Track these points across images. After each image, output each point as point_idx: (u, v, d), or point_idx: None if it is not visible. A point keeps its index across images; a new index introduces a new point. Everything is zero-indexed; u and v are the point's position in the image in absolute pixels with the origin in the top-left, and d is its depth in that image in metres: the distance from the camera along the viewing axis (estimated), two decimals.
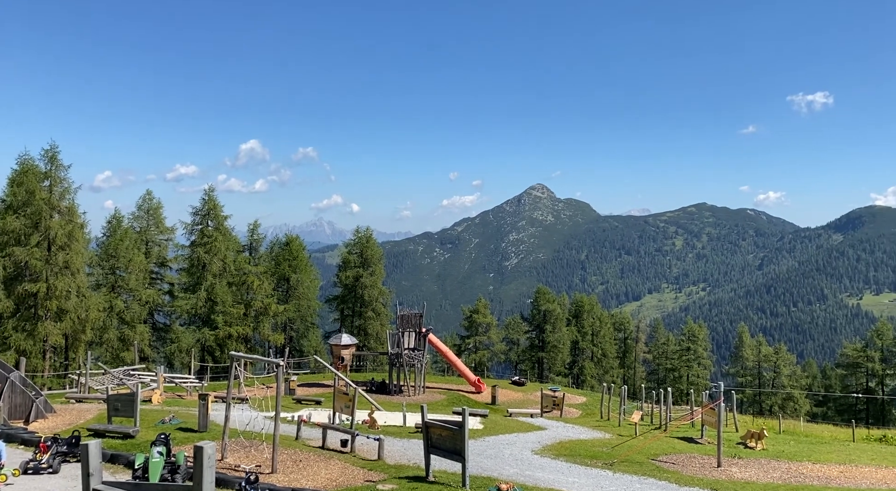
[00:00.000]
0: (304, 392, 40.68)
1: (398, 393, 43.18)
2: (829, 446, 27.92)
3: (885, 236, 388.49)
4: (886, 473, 21.32)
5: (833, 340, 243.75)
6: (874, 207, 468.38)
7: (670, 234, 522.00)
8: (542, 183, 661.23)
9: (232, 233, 58.83)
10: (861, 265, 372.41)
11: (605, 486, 16.16)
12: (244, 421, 19.96)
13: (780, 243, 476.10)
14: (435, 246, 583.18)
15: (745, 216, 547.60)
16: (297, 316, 60.80)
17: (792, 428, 38.38)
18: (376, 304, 63.01)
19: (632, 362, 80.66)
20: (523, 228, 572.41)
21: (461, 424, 14.95)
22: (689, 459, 21.88)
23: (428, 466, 15.64)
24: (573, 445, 23.97)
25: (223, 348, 53.08)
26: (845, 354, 69.20)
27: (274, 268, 59.92)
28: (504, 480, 15.34)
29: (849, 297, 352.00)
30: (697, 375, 74.71)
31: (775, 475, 19.68)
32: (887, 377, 65.87)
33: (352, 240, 66.52)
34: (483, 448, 21.78)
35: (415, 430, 25.10)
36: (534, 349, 73.28)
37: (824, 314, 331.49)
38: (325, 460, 17.15)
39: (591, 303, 79.70)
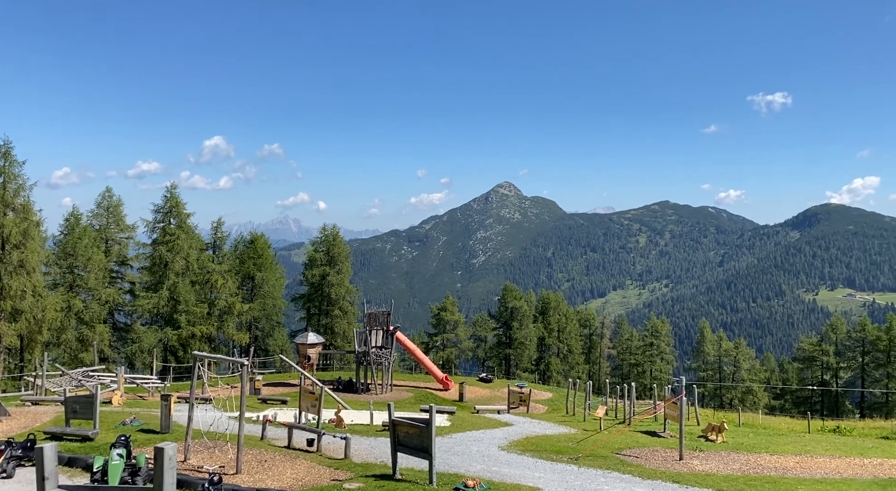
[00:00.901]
0: (270, 392, 40.22)
1: (365, 391, 43.02)
2: (786, 438, 28.74)
3: (840, 234, 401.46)
4: (840, 462, 22.06)
5: (790, 335, 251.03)
6: (829, 205, 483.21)
7: (634, 231, 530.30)
8: (509, 181, 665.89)
9: (195, 231, 57.77)
10: (817, 262, 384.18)
11: (570, 480, 16.35)
12: (208, 421, 19.64)
13: (739, 240, 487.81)
14: (403, 244, 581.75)
15: (707, 214, 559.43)
16: (262, 315, 60.06)
17: (751, 421, 39.40)
18: (343, 302, 62.62)
19: (597, 358, 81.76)
20: (491, 226, 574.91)
21: (428, 422, 14.97)
22: (652, 453, 22.29)
23: (395, 464, 15.63)
24: (539, 441, 24.19)
25: (186, 348, 52.15)
26: (801, 349, 71.27)
27: (238, 266, 59.08)
28: (471, 477, 15.42)
29: (805, 292, 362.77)
30: (660, 370, 76.10)
31: (735, 467, 20.18)
32: (841, 370, 68.06)
33: (318, 238, 65.98)
34: (450, 445, 21.84)
35: (382, 428, 25.03)
36: (501, 346, 73.74)
37: (782, 310, 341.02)
38: (291, 460, 17.00)
39: (558, 300, 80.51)
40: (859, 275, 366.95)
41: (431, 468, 14.78)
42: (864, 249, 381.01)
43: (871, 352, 65.22)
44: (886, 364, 63.96)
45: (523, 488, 15.01)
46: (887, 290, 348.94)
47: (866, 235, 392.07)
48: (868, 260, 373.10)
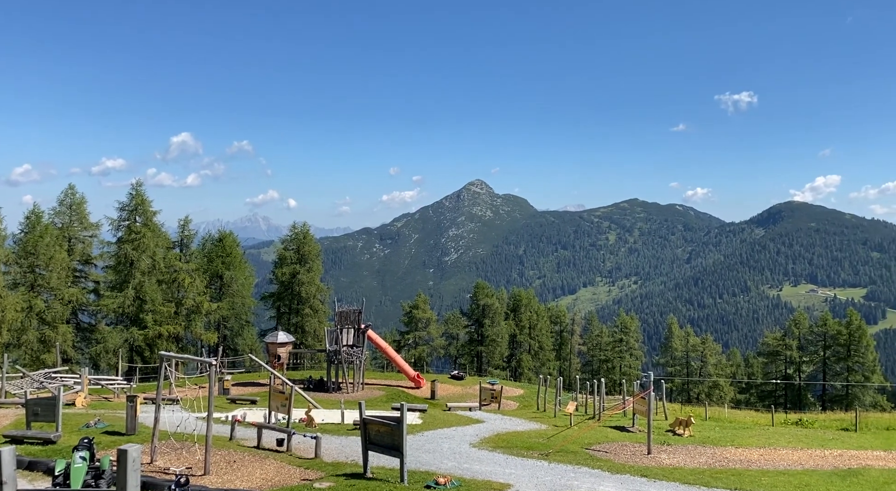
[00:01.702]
0: (239, 392, 39.75)
1: (336, 390, 42.77)
2: (751, 431, 29.38)
3: (802, 231, 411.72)
4: (801, 454, 22.65)
5: (755, 330, 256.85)
6: (793, 203, 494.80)
7: (604, 229, 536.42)
8: (481, 179, 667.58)
9: (162, 229, 56.74)
10: (781, 258, 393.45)
11: (540, 476, 16.49)
12: (175, 422, 19.33)
13: (706, 238, 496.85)
14: (374, 242, 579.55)
15: (675, 211, 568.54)
16: (231, 314, 59.28)
17: (717, 415, 40.14)
18: (314, 301, 62.15)
19: (567, 354, 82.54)
20: (463, 224, 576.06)
21: (399, 420, 14.97)
22: (621, 448, 22.61)
23: (366, 462, 15.58)
24: (510, 437, 24.35)
25: (153, 348, 51.21)
26: (766, 343, 72.89)
27: (206, 265, 58.21)
28: (442, 474, 15.45)
29: (770, 288, 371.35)
30: (629, 366, 77.17)
31: (701, 460, 20.58)
32: (804, 364, 69.78)
33: (288, 236, 65.35)
34: (422, 443, 21.85)
35: (353, 427, 24.93)
36: (473, 343, 73.98)
37: (747, 305, 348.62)
38: (261, 460, 16.84)
39: (529, 297, 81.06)
40: (821, 271, 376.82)
41: (403, 466, 14.77)
42: (826, 246, 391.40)
43: (832, 346, 67.01)
44: (846, 358, 65.78)
45: (494, 485, 15.09)
46: (847, 285, 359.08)
47: (828, 233, 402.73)
48: (829, 256, 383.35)
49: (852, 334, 65.53)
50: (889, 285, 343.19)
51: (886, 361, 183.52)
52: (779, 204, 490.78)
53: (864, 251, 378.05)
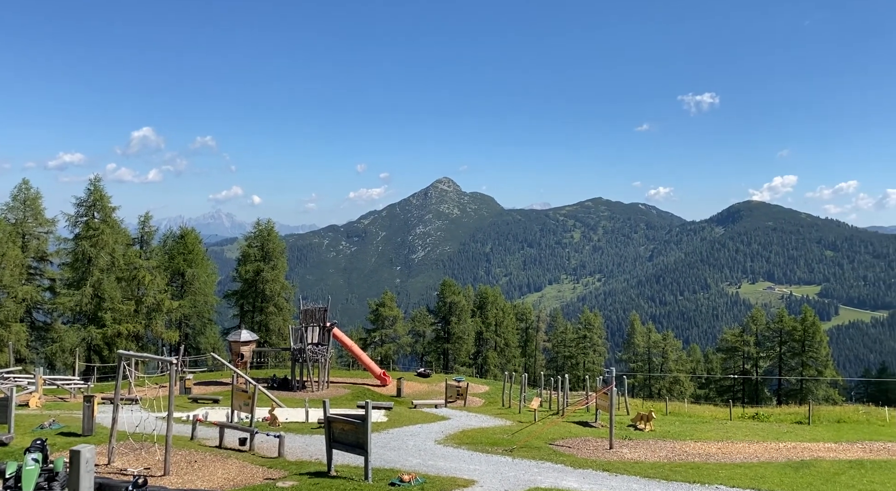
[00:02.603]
0: (201, 391, 39.14)
1: (301, 389, 42.43)
2: (710, 425, 30.07)
3: (760, 229, 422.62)
4: (757, 447, 23.30)
5: (715, 327, 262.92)
6: (751, 202, 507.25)
7: (569, 227, 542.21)
8: (448, 176, 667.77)
9: (121, 225, 55.34)
10: (739, 256, 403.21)
11: (504, 472, 16.63)
12: (134, 422, 18.96)
13: (668, 236, 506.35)
14: (341, 239, 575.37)
15: (638, 210, 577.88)
16: (193, 312, 58.23)
17: (677, 409, 40.99)
18: (278, 299, 61.44)
19: (533, 351, 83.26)
20: (430, 222, 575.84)
21: (364, 418, 14.94)
22: (584, 443, 22.94)
23: (330, 460, 15.51)
24: (475, 434, 24.48)
25: (112, 347, 50.00)
26: (725, 340, 74.61)
27: (168, 262, 57.05)
28: (407, 471, 15.47)
29: (729, 286, 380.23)
30: (593, 362, 78.20)
31: (662, 454, 21.02)
32: (761, 360, 71.63)
33: (252, 233, 64.42)
34: (387, 440, 21.84)
35: (317, 425, 24.77)
36: (439, 341, 74.08)
37: (707, 302, 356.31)
38: (223, 460, 16.62)
39: (495, 294, 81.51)
40: (778, 269, 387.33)
41: (367, 464, 14.75)
42: (783, 245, 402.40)
43: (788, 342, 68.97)
44: (801, 353, 67.76)
45: (459, 481, 15.17)
46: (803, 283, 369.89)
47: (784, 231, 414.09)
48: (786, 255, 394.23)
49: (807, 330, 67.52)
50: (841, 283, 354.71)
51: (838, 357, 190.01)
52: (738, 203, 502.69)
53: (818, 250, 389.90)
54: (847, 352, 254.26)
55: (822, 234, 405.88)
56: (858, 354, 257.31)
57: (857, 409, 39.38)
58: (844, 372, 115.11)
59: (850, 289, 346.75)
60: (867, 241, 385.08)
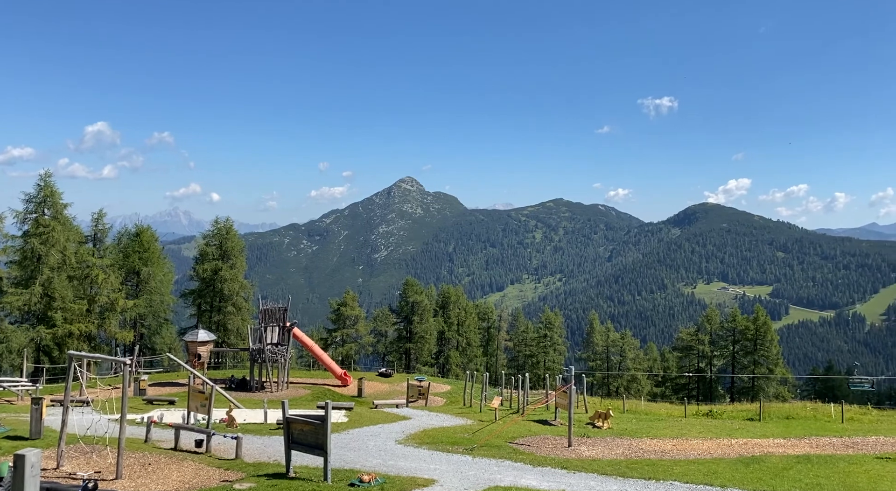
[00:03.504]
0: (157, 392, 38.30)
1: (260, 390, 41.87)
2: (665, 423, 30.76)
3: (715, 231, 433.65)
4: (711, 443, 23.93)
5: (671, 326, 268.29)
6: (707, 205, 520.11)
7: (531, 227, 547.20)
8: (412, 176, 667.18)
9: (73, 222, 53.65)
10: (695, 257, 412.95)
11: (464, 471, 16.71)
12: (85, 425, 18.42)
13: (627, 237, 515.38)
14: (302, 238, 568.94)
15: (597, 211, 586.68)
16: (148, 312, 56.86)
17: (634, 407, 41.77)
18: (237, 298, 60.46)
19: (494, 350, 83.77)
20: (393, 221, 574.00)
21: (324, 419, 14.83)
22: (543, 441, 23.21)
23: (288, 462, 15.36)
24: (436, 433, 24.53)
25: (62, 348, 48.45)
26: (680, 338, 76.35)
27: (122, 260, 55.56)
28: (367, 471, 15.42)
29: (685, 286, 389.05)
30: (553, 361, 79.08)
31: (619, 452, 21.40)
32: (715, 358, 73.53)
33: (210, 231, 63.22)
34: (347, 441, 21.71)
35: (276, 426, 24.49)
36: (402, 340, 73.92)
37: (664, 302, 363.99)
38: (178, 462, 16.29)
39: (458, 294, 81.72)
40: (732, 270, 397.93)
41: (326, 465, 14.66)
42: (737, 246, 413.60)
43: (741, 341, 70.94)
44: (753, 352, 69.81)
45: (419, 481, 15.19)
46: (755, 283, 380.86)
47: (738, 233, 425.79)
48: (739, 256, 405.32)
49: (759, 330, 69.55)
50: (792, 283, 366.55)
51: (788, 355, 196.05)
52: (694, 205, 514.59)
53: (770, 251, 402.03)
54: (796, 350, 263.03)
55: (773, 236, 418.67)
56: (807, 352, 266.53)
57: (805, 405, 40.77)
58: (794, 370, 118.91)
59: (799, 289, 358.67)
60: (816, 243, 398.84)
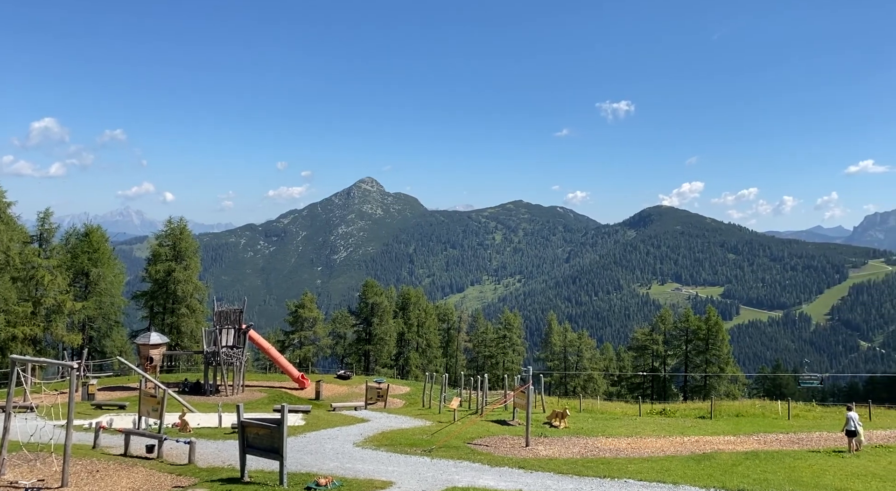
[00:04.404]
0: (106, 396, 37.17)
1: (215, 393, 41.05)
2: (620, 421, 31.34)
3: (669, 233, 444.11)
4: (664, 441, 24.47)
5: (627, 326, 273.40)
6: (661, 207, 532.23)
7: (491, 229, 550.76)
8: (372, 176, 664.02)
9: (18, 222, 51.65)
10: (650, 258, 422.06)
11: (422, 472, 16.70)
12: (29, 432, 17.76)
13: (584, 238, 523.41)
14: (259, 239, 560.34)
15: (556, 213, 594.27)
16: (98, 314, 55.15)
17: (591, 406, 42.42)
18: (191, 300, 59.12)
19: (454, 351, 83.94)
20: (353, 222, 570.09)
21: (280, 422, 14.64)
22: (501, 441, 23.36)
23: (243, 466, 15.11)
24: (394, 435, 24.45)
25: (5, 352, 46.55)
26: (635, 338, 77.84)
27: (70, 261, 53.72)
28: (323, 475, 15.28)
29: (640, 287, 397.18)
30: (512, 361, 79.73)
31: (575, 450, 21.70)
32: (668, 357, 75.20)
33: (163, 231, 61.66)
34: (304, 444, 21.46)
35: (231, 430, 24.04)
36: (361, 342, 73.41)
37: (620, 302, 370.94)
38: (128, 468, 15.84)
39: (418, 295, 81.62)
40: (685, 271, 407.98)
41: (282, 468, 14.47)
42: (690, 248, 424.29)
43: (693, 340, 72.72)
44: (705, 351, 71.61)
45: (376, 483, 15.11)
46: (708, 284, 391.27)
47: (691, 235, 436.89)
48: (692, 257, 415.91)
49: (710, 329, 71.41)
50: (742, 284, 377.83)
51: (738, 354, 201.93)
52: (649, 208, 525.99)
53: (721, 253, 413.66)
54: (746, 350, 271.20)
55: (725, 238, 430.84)
56: (756, 351, 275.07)
57: (755, 403, 42.10)
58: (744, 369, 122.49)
59: (749, 290, 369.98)
60: (765, 245, 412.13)
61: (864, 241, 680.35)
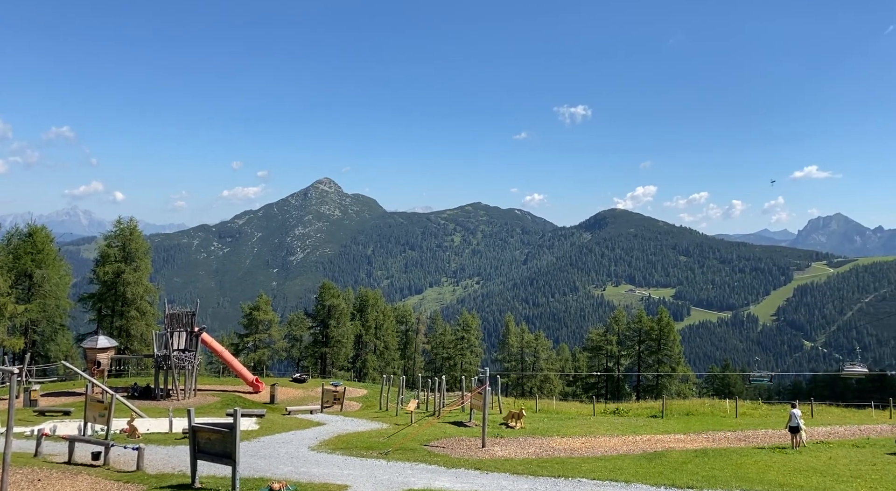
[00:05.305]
0: (50, 402, 35.92)
1: (166, 398, 40.09)
2: (575, 421, 31.80)
3: (623, 236, 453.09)
4: (617, 440, 24.94)
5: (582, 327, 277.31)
6: (616, 210, 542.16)
7: (450, 230, 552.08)
8: (329, 177, 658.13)
9: None
10: (605, 260, 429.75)
11: (378, 475, 16.63)
12: None
13: (541, 241, 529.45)
14: (213, 240, 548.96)
15: (514, 215, 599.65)
16: (42, 317, 53.16)
17: (546, 407, 42.92)
18: (141, 302, 57.56)
19: (412, 353, 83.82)
20: (310, 223, 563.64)
21: (232, 426, 14.39)
22: (458, 442, 23.45)
23: (194, 472, 14.79)
24: (350, 438, 24.29)
25: None
26: (590, 339, 79.09)
27: (12, 262, 51.67)
28: (277, 480, 15.08)
29: (595, 288, 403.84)
30: (470, 363, 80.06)
31: (530, 451, 21.93)
32: (622, 358, 76.64)
33: (113, 231, 59.89)
34: (257, 449, 21.13)
35: (182, 436, 23.49)
36: (317, 345, 72.62)
37: (576, 304, 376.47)
38: (72, 477, 15.33)
39: (376, 297, 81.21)
40: (638, 272, 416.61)
41: (235, 474, 14.22)
42: (643, 250, 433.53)
43: (646, 341, 74.30)
44: (657, 351, 73.27)
45: (331, 487, 14.98)
46: (660, 286, 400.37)
47: (644, 238, 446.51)
48: (645, 259, 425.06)
49: (662, 330, 73.09)
50: (693, 286, 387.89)
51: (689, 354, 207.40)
52: (604, 211, 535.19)
53: (673, 255, 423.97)
54: (697, 350, 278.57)
55: (676, 240, 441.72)
56: (706, 351, 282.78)
57: (704, 402, 43.23)
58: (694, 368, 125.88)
59: (700, 291, 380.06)
60: (715, 248, 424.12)
61: (808, 244, 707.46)
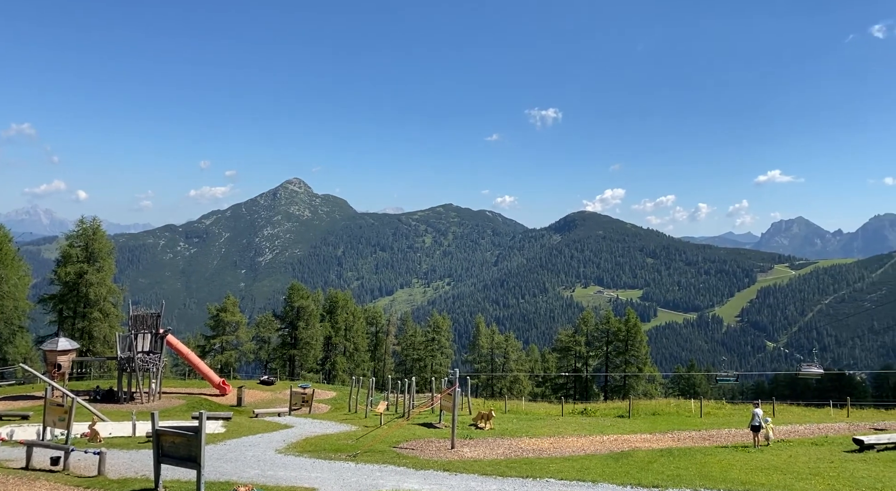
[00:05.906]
0: (8, 406, 34.93)
1: (129, 401, 39.28)
2: (544, 422, 32.04)
3: (592, 238, 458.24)
4: (585, 440, 25.21)
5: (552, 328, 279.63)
6: (585, 212, 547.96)
7: (421, 232, 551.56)
8: (299, 177, 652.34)
9: None
10: (574, 262, 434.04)
11: (346, 477, 16.53)
12: None
13: (512, 242, 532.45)
14: (179, 240, 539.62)
15: (485, 217, 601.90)
16: (0, 318, 51.62)
17: (516, 407, 43.14)
18: (104, 303, 56.28)
19: (382, 355, 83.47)
20: (279, 223, 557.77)
21: (198, 429, 14.15)
22: (427, 444, 23.44)
23: (157, 476, 14.53)
24: (319, 441, 24.10)
25: None
26: (559, 340, 79.71)
27: None
28: (243, 483, 14.89)
29: (564, 289, 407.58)
30: (441, 364, 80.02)
31: (499, 452, 22.03)
32: (590, 358, 77.42)
33: (75, 231, 58.44)
34: (224, 452, 20.83)
35: (146, 439, 23.07)
36: (286, 347, 71.85)
37: (546, 305, 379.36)
38: (29, 483, 14.92)
39: (346, 298, 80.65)
40: (607, 274, 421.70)
41: (200, 478, 13.99)
42: (611, 252, 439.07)
43: (614, 341, 75.17)
44: (625, 352, 74.21)
45: (298, 490, 14.85)
46: (628, 287, 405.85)
47: (613, 240, 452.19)
48: (614, 261, 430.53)
49: (630, 331, 74.04)
50: (660, 287, 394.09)
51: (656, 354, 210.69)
52: (573, 213, 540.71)
53: (641, 257, 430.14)
54: (663, 350, 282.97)
55: (644, 243, 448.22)
56: (672, 351, 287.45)
57: (670, 402, 43.94)
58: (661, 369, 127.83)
59: (666, 293, 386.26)
60: (681, 251, 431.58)
61: (771, 246, 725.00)
